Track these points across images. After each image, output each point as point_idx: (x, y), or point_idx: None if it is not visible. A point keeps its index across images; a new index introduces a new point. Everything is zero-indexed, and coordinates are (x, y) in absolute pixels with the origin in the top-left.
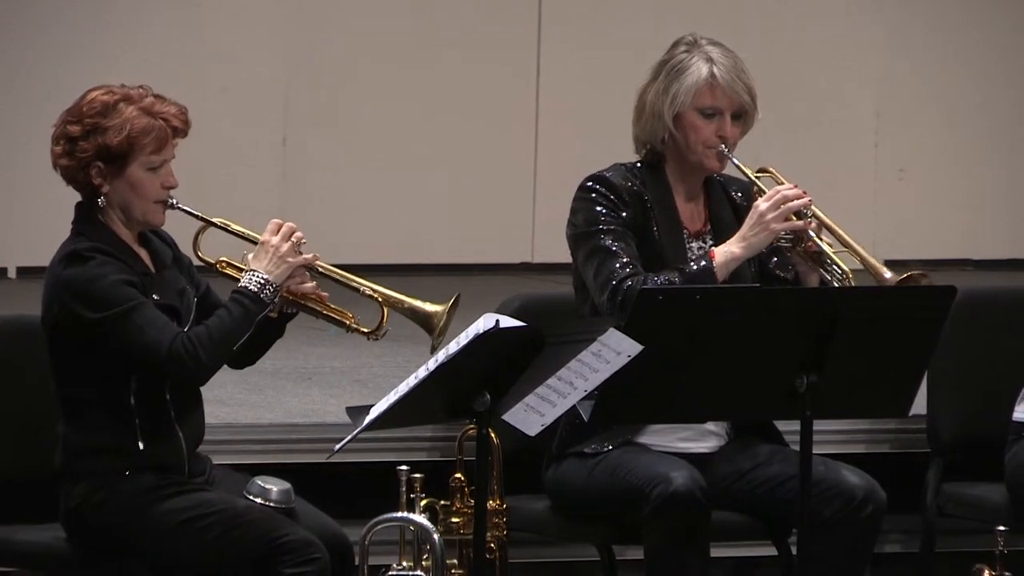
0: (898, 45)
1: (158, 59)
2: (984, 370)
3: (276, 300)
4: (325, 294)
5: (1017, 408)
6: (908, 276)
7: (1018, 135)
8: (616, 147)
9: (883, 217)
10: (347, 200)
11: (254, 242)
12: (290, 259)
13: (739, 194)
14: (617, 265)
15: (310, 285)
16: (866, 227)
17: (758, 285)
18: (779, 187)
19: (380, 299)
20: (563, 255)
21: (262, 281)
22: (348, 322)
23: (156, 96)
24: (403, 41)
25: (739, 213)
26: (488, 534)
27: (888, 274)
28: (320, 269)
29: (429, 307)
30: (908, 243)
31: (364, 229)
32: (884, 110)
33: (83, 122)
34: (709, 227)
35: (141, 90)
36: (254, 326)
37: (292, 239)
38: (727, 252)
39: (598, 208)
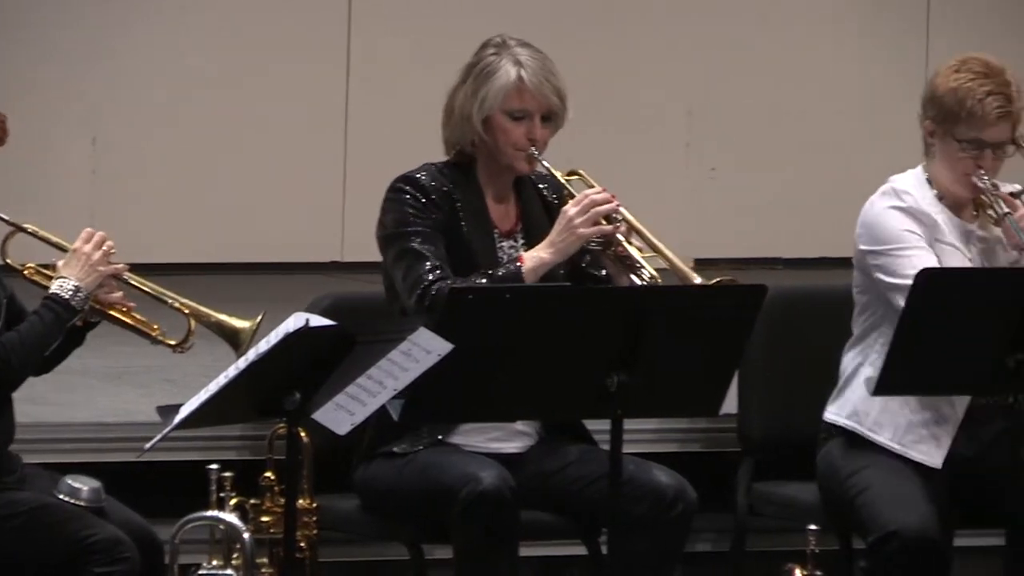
0: (708, 44)
1: None
2: (795, 369)
3: (86, 308)
4: (132, 304)
5: (828, 408)
6: (717, 282)
7: (827, 135)
8: (426, 146)
9: (694, 217)
10: (156, 199)
11: (64, 249)
12: (101, 268)
13: (550, 193)
14: (426, 267)
15: (117, 295)
16: (676, 227)
17: (569, 284)
18: (588, 191)
19: (187, 312)
20: (373, 254)
21: (73, 288)
22: (153, 334)
23: None
24: (213, 38)
25: (551, 212)
26: (298, 533)
27: (697, 280)
28: (129, 280)
29: (236, 323)
30: (719, 242)
31: (174, 228)
32: (695, 110)
33: None
34: (520, 227)
35: None
36: (63, 333)
37: (103, 248)
38: (536, 257)
39: (407, 209)
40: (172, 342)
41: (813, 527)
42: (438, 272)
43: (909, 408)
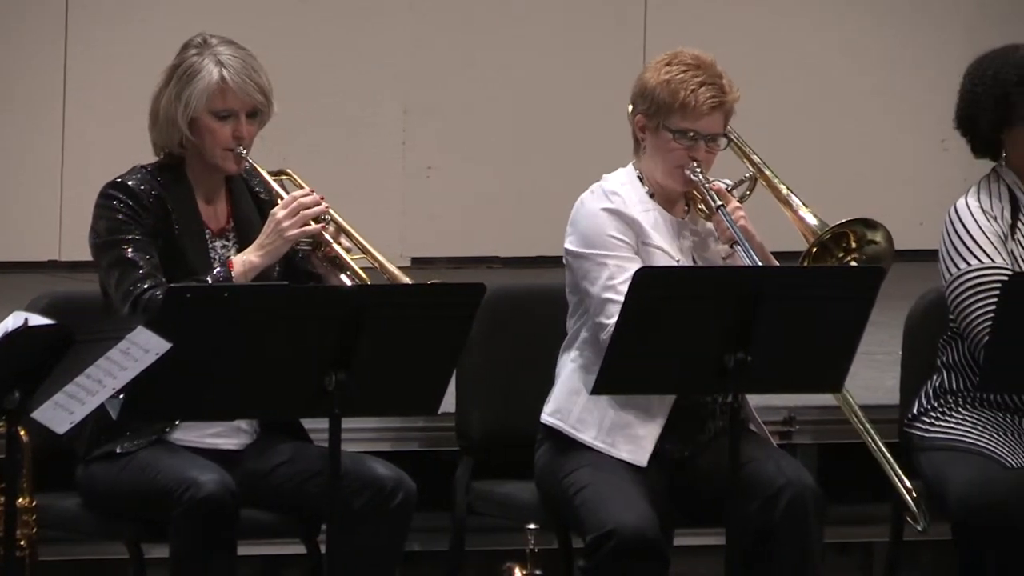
0: (424, 42)
1: None
2: (513, 368)
3: None
4: None
5: (545, 409)
6: (431, 285)
7: (542, 134)
8: (143, 145)
9: (411, 216)
10: None
11: None
12: None
13: (261, 191)
14: (139, 274)
15: None
16: (393, 226)
17: (286, 284)
18: (296, 193)
19: None
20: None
21: None
22: None
23: None
24: None
25: (262, 210)
26: (18, 532)
27: (405, 280)
28: None
29: None
30: (436, 241)
31: None
32: (411, 108)
33: None
34: (232, 226)
35: None
36: None
37: None
38: (246, 261)
39: (119, 216)
40: None
41: (532, 526)
42: (150, 280)
43: (613, 406)
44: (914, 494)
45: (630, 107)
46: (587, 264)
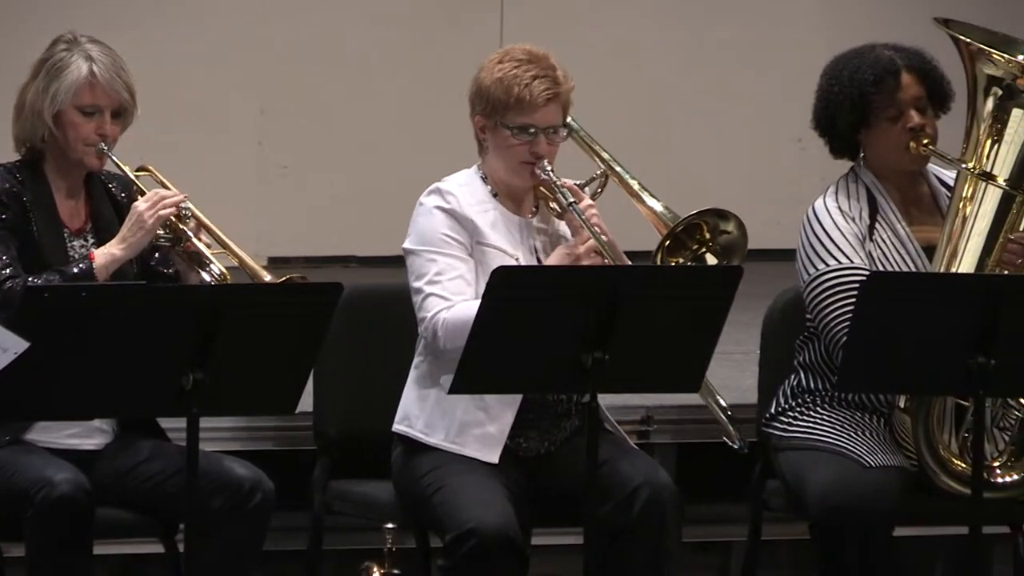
0: (280, 44)
1: None
2: (370, 368)
3: None
4: None
5: (396, 417)
6: (287, 279)
7: (398, 133)
8: (2, 143)
9: (267, 215)
10: None
11: None
12: None
13: (120, 191)
14: None
15: None
16: (250, 225)
17: (144, 283)
18: (158, 189)
19: None
20: None
21: None
22: None
23: None
24: None
25: (120, 210)
26: None
27: (267, 277)
28: None
29: None
30: (293, 241)
31: None
32: (268, 108)
33: None
34: (90, 225)
35: None
36: None
37: None
38: (107, 254)
39: None
40: None
41: (390, 525)
42: (9, 271)
43: (460, 406)
44: (729, 413)
45: (469, 108)
46: (418, 260)
